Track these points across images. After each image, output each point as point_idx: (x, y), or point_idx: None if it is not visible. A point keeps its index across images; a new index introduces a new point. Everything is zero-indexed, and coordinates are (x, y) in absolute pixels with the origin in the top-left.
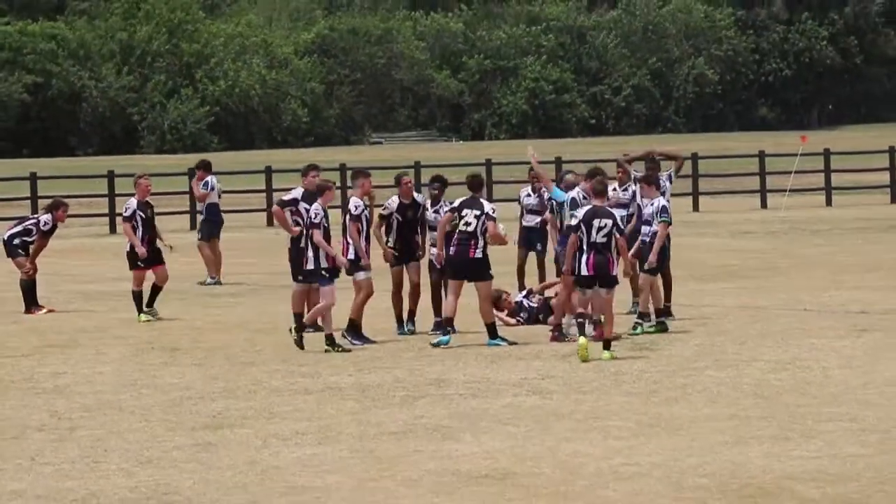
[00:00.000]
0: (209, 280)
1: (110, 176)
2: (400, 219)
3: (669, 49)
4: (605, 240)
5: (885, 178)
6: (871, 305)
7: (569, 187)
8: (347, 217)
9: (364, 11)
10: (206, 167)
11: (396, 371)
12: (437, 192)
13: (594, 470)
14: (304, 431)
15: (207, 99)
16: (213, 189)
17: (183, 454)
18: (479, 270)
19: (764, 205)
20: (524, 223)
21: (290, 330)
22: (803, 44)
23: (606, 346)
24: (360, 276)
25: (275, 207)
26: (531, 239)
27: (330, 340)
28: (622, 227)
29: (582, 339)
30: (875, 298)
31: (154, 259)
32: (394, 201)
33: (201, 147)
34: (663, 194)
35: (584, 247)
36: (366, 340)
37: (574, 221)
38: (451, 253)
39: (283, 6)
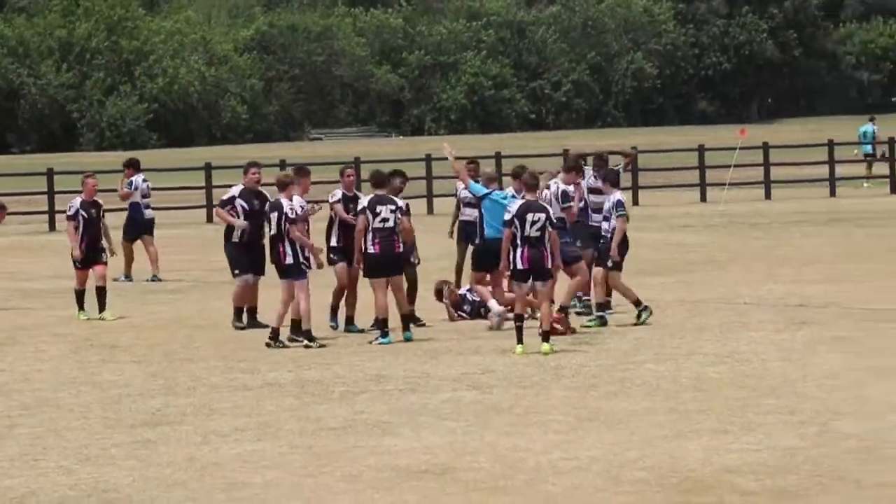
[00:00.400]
0: (122, 277)
1: (49, 174)
2: (344, 213)
3: (608, 44)
4: (538, 234)
5: (824, 171)
6: (810, 299)
7: (490, 181)
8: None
9: (303, 8)
10: (133, 165)
11: (336, 367)
12: (401, 186)
13: (534, 464)
14: (243, 428)
15: (146, 96)
16: (136, 189)
17: (122, 451)
18: (402, 265)
19: (703, 198)
20: (462, 217)
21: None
22: (743, 37)
23: (545, 339)
24: (303, 279)
25: (216, 209)
26: (469, 233)
27: (274, 335)
28: (554, 220)
29: (519, 348)
30: (813, 292)
31: (93, 259)
32: (336, 194)
33: (140, 144)
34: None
35: (519, 241)
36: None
37: (507, 216)
38: (374, 251)
39: (222, 3)
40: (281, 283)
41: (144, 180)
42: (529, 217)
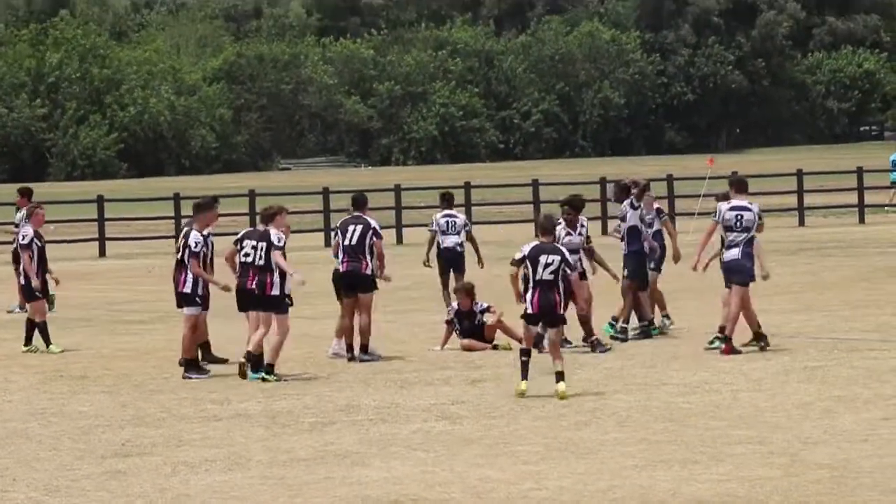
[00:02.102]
0: (16, 309)
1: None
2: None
3: (577, 74)
4: (551, 277)
5: (793, 200)
6: (779, 328)
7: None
8: (188, 252)
9: (272, 37)
10: (27, 194)
11: (306, 397)
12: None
13: (504, 495)
14: (213, 459)
15: (116, 125)
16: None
17: (92, 483)
18: (273, 302)
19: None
20: (443, 244)
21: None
22: (709, 68)
23: (560, 378)
24: (192, 310)
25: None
26: (448, 259)
27: (269, 369)
28: (572, 263)
29: (522, 385)
30: (783, 321)
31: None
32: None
33: (111, 174)
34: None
35: (531, 283)
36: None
37: (518, 255)
38: (237, 283)
39: (191, 33)
40: (257, 315)
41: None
42: (542, 259)
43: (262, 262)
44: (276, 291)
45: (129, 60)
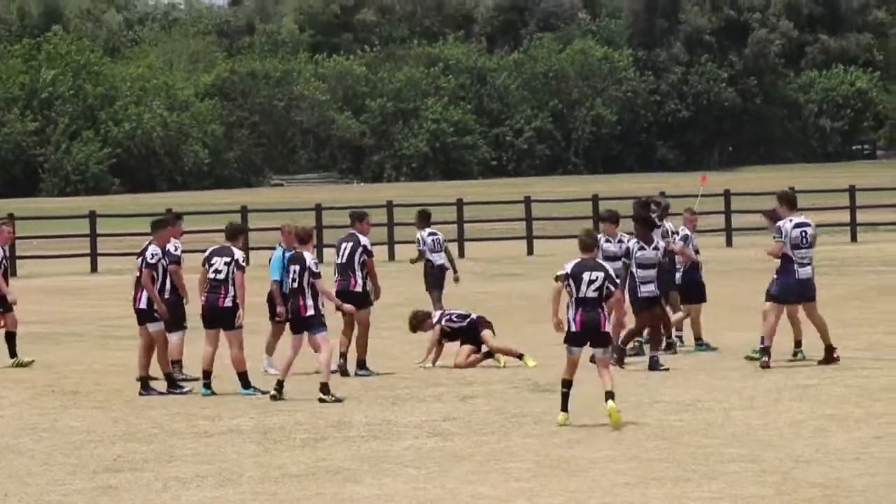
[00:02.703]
0: None
1: (10, 218)
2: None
3: (569, 91)
4: (595, 294)
5: None
6: (772, 347)
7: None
8: (308, 273)
9: (264, 54)
10: None
11: (298, 414)
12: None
13: None
14: (204, 474)
15: (110, 141)
16: None
17: (84, 498)
18: (229, 318)
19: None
20: (435, 263)
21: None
22: (702, 86)
23: (610, 398)
24: (154, 326)
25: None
26: (439, 277)
27: (324, 388)
28: (615, 279)
29: (562, 416)
30: (776, 339)
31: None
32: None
33: (103, 189)
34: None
35: (573, 302)
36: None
37: (561, 272)
38: (203, 301)
39: (183, 49)
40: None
41: None
42: (586, 276)
43: (295, 286)
44: (311, 312)
45: (123, 76)
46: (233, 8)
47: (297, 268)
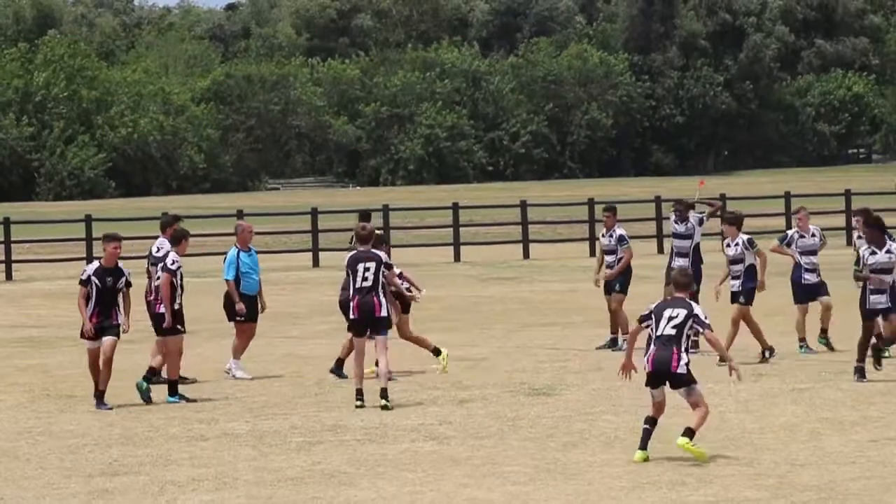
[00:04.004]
0: None
1: (6, 223)
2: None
3: (566, 95)
4: (673, 332)
5: (781, 223)
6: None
7: None
8: (163, 268)
9: (260, 58)
10: None
11: (293, 417)
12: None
13: None
14: (200, 478)
15: (105, 145)
16: None
17: (79, 501)
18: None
19: (661, 250)
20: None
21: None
22: (697, 90)
23: (688, 435)
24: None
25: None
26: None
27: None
28: (703, 319)
29: (638, 454)
30: (772, 343)
31: None
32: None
33: (98, 194)
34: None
35: (652, 341)
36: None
37: (646, 311)
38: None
39: (179, 53)
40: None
41: None
42: (667, 313)
43: (368, 284)
44: (383, 313)
45: (119, 81)
46: (228, 12)
47: (373, 265)
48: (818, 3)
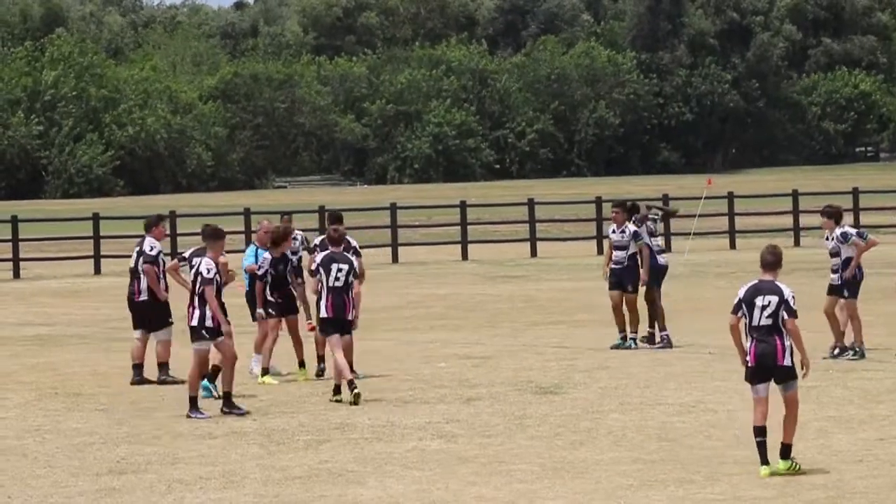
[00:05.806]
0: None
1: (14, 221)
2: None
3: (573, 93)
4: (769, 321)
5: (789, 221)
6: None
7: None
8: (200, 279)
9: (268, 56)
10: None
11: (300, 415)
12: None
13: None
14: (208, 476)
15: (113, 143)
16: None
17: (87, 500)
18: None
19: (668, 248)
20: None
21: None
22: (705, 88)
23: (784, 455)
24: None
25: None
26: None
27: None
28: (792, 306)
29: (764, 469)
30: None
31: None
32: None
33: (106, 191)
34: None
35: (748, 332)
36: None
37: (735, 300)
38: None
39: (187, 51)
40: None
41: None
42: (759, 301)
43: (339, 284)
44: (352, 315)
45: (127, 79)
46: (237, 11)
47: (346, 267)
48: (826, 2)
